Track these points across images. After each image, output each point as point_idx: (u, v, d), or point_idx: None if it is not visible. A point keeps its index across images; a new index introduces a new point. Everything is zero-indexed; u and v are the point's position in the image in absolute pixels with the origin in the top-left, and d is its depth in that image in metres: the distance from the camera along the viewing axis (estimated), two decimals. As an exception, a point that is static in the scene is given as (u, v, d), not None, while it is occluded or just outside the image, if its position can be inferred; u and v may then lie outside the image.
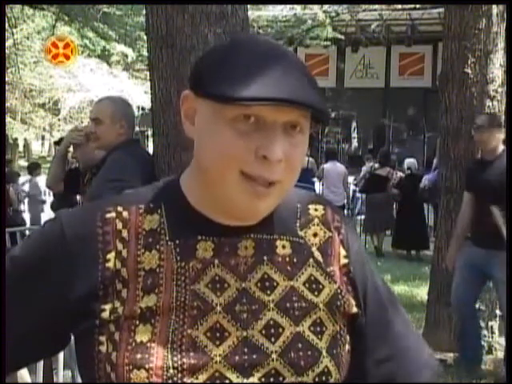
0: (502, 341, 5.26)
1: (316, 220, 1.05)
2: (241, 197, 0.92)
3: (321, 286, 0.99)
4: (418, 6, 15.73)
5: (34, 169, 12.28)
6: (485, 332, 5.28)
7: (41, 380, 3.48)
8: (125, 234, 0.96)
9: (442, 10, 9.45)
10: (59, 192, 4.01)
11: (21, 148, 32.06)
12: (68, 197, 6.20)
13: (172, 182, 1.03)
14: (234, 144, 0.90)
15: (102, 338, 0.91)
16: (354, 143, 18.46)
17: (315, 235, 1.03)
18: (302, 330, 0.95)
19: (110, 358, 0.90)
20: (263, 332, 0.93)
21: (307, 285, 0.99)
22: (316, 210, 1.06)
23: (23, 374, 3.67)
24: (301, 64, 0.94)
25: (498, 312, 5.33)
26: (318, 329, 0.96)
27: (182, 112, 0.98)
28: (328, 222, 1.05)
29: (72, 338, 1.00)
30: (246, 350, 0.91)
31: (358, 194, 12.10)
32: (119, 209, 0.98)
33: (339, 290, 1.00)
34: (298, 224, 1.03)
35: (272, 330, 0.93)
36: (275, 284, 0.97)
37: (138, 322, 0.91)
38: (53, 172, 3.68)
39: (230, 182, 0.91)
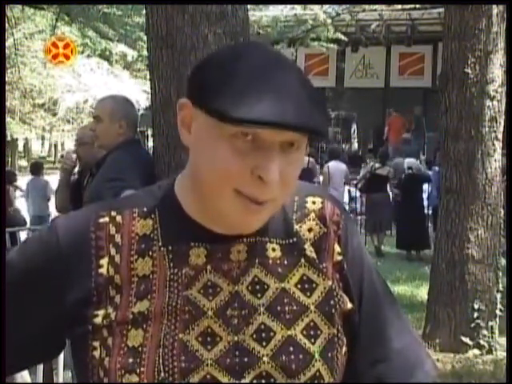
0: (502, 341, 5.27)
1: (312, 214, 1.03)
2: (233, 212, 0.91)
3: (314, 285, 0.98)
4: (418, 5, 15.75)
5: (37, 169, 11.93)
6: (485, 332, 5.28)
7: (41, 380, 3.48)
8: (118, 238, 0.96)
9: (442, 10, 9.46)
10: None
11: (21, 148, 32.06)
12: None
13: (167, 187, 1.02)
14: (230, 161, 0.88)
15: (96, 344, 0.92)
16: (354, 143, 18.45)
17: (310, 230, 1.02)
18: (294, 333, 0.94)
19: (103, 363, 0.91)
20: (254, 336, 0.93)
21: (299, 286, 0.98)
22: (314, 202, 1.04)
23: (23, 374, 3.67)
24: (302, 77, 0.92)
25: (498, 312, 5.34)
26: (312, 332, 0.95)
27: (178, 119, 0.96)
28: (325, 216, 1.03)
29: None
30: (237, 353, 0.91)
31: (358, 194, 12.09)
32: (113, 213, 0.98)
33: (333, 287, 0.99)
34: (294, 218, 1.02)
35: (263, 334, 0.93)
36: (266, 287, 0.96)
37: (130, 327, 0.91)
38: (59, 198, 3.86)
39: (224, 198, 0.90)
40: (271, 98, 0.85)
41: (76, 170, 3.84)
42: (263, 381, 0.91)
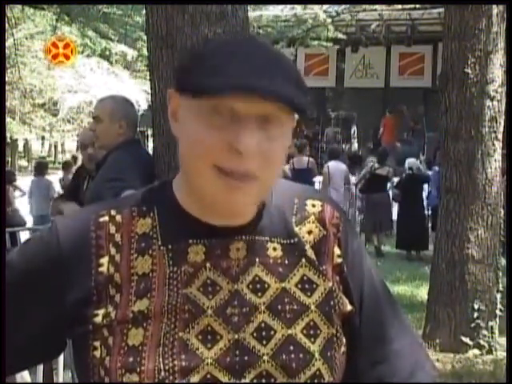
0: (502, 341, 5.27)
1: (312, 217, 1.03)
2: (216, 191, 0.91)
3: (314, 286, 0.99)
4: (418, 5, 15.74)
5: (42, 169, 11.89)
6: (485, 332, 5.28)
7: (41, 380, 3.48)
8: (118, 238, 0.96)
9: (442, 10, 9.45)
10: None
11: (21, 148, 32.07)
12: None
13: (165, 185, 1.02)
14: (206, 137, 0.90)
15: (96, 343, 0.92)
16: (354, 143, 18.45)
17: (310, 233, 1.02)
18: (294, 332, 0.95)
19: (104, 362, 0.91)
20: (254, 335, 0.93)
21: (300, 286, 0.98)
22: (314, 205, 1.04)
23: (23, 374, 3.68)
24: (278, 54, 0.93)
25: (498, 312, 5.34)
26: (312, 332, 0.96)
27: (169, 112, 0.99)
28: (324, 219, 1.03)
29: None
30: (237, 352, 0.91)
31: (358, 194, 12.07)
32: (112, 212, 0.98)
33: (333, 288, 1.00)
34: (294, 220, 1.03)
35: (263, 333, 0.93)
36: (266, 286, 0.96)
37: (130, 326, 0.91)
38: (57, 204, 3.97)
39: (204, 176, 0.91)
40: (243, 69, 0.87)
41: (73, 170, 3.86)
42: (263, 380, 0.91)
